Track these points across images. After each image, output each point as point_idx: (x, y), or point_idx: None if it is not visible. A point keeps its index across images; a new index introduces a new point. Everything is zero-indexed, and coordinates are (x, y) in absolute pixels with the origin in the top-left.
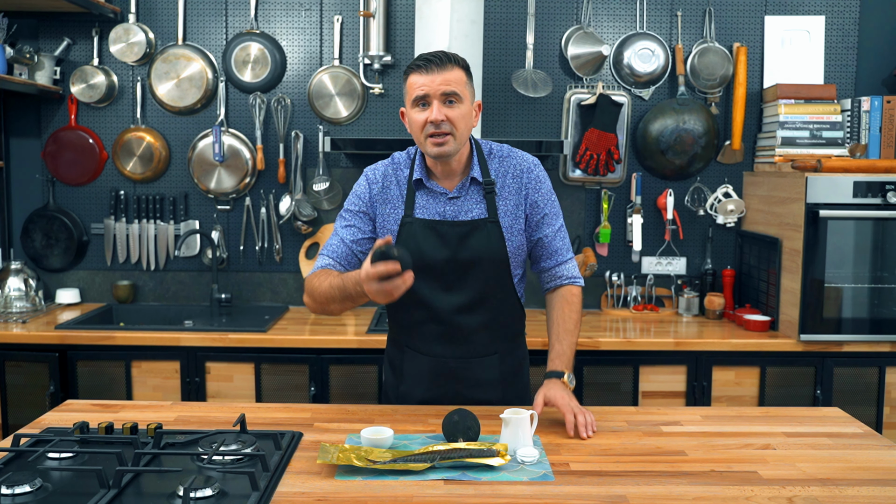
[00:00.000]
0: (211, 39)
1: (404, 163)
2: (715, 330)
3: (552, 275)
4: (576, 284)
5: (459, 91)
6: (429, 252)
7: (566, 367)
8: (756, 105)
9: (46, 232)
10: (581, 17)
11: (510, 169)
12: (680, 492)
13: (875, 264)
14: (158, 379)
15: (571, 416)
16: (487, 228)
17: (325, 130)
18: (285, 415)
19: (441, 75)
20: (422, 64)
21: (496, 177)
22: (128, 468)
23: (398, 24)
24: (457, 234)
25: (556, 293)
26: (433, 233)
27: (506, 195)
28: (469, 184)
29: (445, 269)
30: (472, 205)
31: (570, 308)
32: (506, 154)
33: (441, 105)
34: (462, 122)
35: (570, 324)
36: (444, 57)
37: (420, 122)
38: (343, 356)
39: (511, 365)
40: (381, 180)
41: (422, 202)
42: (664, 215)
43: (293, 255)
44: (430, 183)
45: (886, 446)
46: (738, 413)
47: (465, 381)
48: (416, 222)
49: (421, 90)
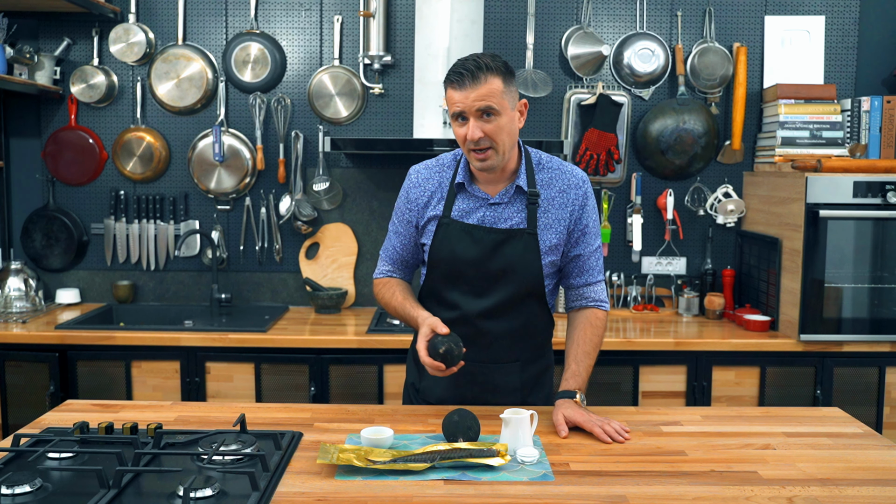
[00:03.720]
0: (211, 39)
1: (449, 164)
2: (715, 330)
3: (580, 294)
4: (601, 308)
5: (496, 104)
6: (461, 255)
7: (579, 387)
8: (756, 105)
9: (46, 232)
10: (581, 17)
11: (557, 182)
12: (680, 492)
13: (875, 264)
14: (158, 379)
15: (599, 429)
16: (524, 239)
17: (325, 130)
18: (285, 415)
19: (475, 90)
20: (456, 79)
21: (542, 188)
22: (128, 468)
23: (398, 24)
24: (492, 240)
25: (580, 313)
26: (468, 237)
27: (548, 208)
28: (513, 192)
29: (476, 274)
30: (512, 213)
31: (592, 331)
32: (555, 167)
33: (477, 121)
34: (502, 135)
35: (589, 346)
36: (477, 67)
37: (461, 136)
38: (343, 356)
39: (532, 373)
40: (422, 182)
41: (461, 205)
42: (664, 215)
43: (293, 255)
44: (472, 187)
45: (886, 446)
46: (738, 413)
47: (485, 386)
48: (453, 224)
49: (457, 107)
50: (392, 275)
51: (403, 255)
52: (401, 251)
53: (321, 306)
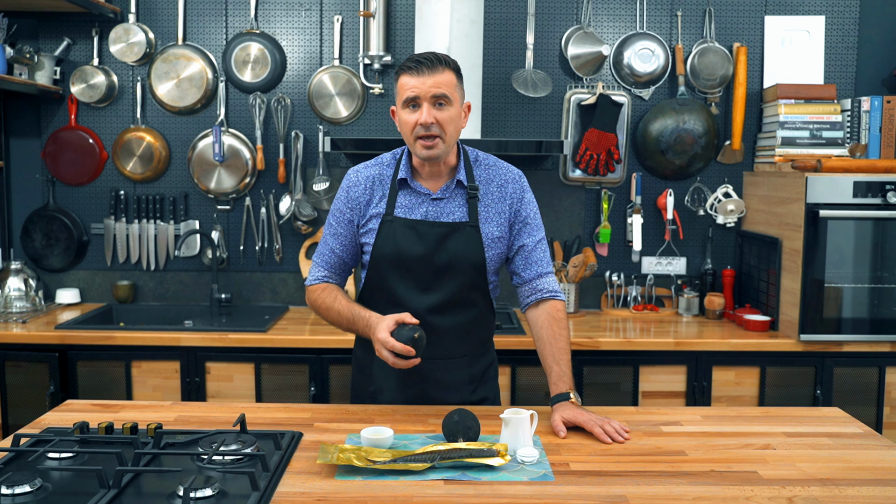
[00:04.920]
0: (211, 39)
1: (389, 163)
2: (715, 330)
3: (532, 288)
4: (557, 299)
5: (449, 94)
6: (406, 251)
7: (569, 387)
8: (756, 105)
9: (46, 232)
10: (581, 17)
11: (495, 178)
12: (680, 492)
13: (875, 264)
14: (158, 379)
15: (599, 428)
16: (467, 232)
17: (325, 130)
18: (285, 415)
19: (432, 77)
20: (413, 66)
21: (480, 183)
22: (128, 468)
23: (398, 24)
24: (436, 234)
25: (540, 309)
26: (412, 232)
27: (488, 202)
28: (454, 186)
29: (422, 270)
30: (454, 207)
31: (559, 325)
32: (492, 163)
33: (431, 107)
34: (451, 125)
35: (562, 342)
36: (435, 59)
37: (410, 123)
38: (343, 356)
39: (480, 368)
40: (363, 181)
41: (404, 201)
42: (664, 215)
43: (293, 255)
44: (414, 183)
45: (886, 446)
46: (738, 413)
47: (434, 383)
48: (397, 221)
49: (411, 92)
50: (328, 280)
51: (342, 257)
52: (340, 253)
53: None
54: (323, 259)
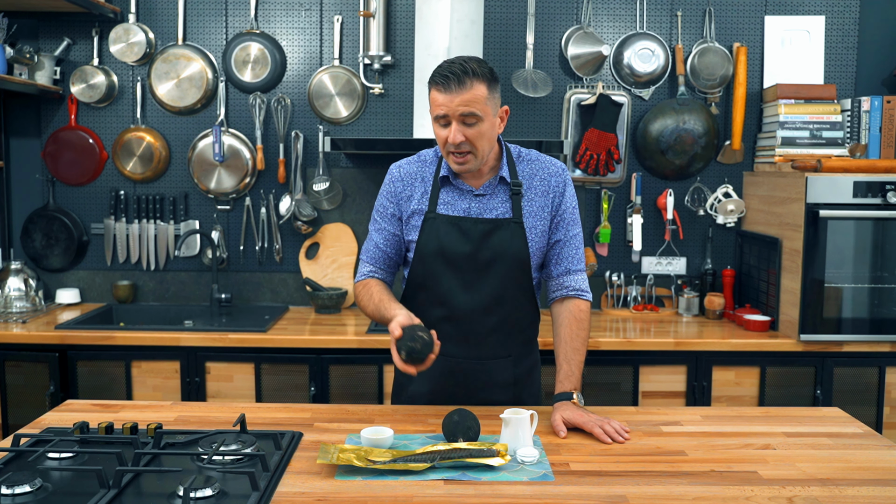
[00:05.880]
0: (211, 39)
1: (431, 160)
2: (715, 330)
3: (560, 283)
4: (583, 298)
5: (479, 110)
6: (450, 248)
7: (575, 387)
8: (756, 105)
9: (46, 232)
10: (581, 17)
11: (538, 172)
12: (680, 492)
13: (875, 264)
14: (158, 379)
15: (599, 429)
16: (511, 228)
17: (325, 130)
18: (285, 415)
19: (460, 95)
20: (441, 80)
21: (524, 178)
22: (128, 468)
23: (398, 24)
24: (479, 231)
25: (563, 307)
26: (456, 229)
27: (532, 197)
28: (497, 183)
29: (466, 267)
30: (497, 203)
31: (578, 325)
32: (534, 158)
33: (459, 125)
34: (482, 140)
35: (578, 342)
36: (463, 72)
37: (442, 137)
38: (343, 356)
39: (524, 368)
40: (405, 177)
41: (447, 198)
42: (664, 215)
43: (293, 255)
44: (457, 181)
45: (886, 446)
46: (738, 413)
47: (478, 383)
48: (440, 218)
49: (440, 109)
50: (374, 275)
51: (387, 252)
52: (384, 247)
53: (321, 306)
54: (368, 255)
